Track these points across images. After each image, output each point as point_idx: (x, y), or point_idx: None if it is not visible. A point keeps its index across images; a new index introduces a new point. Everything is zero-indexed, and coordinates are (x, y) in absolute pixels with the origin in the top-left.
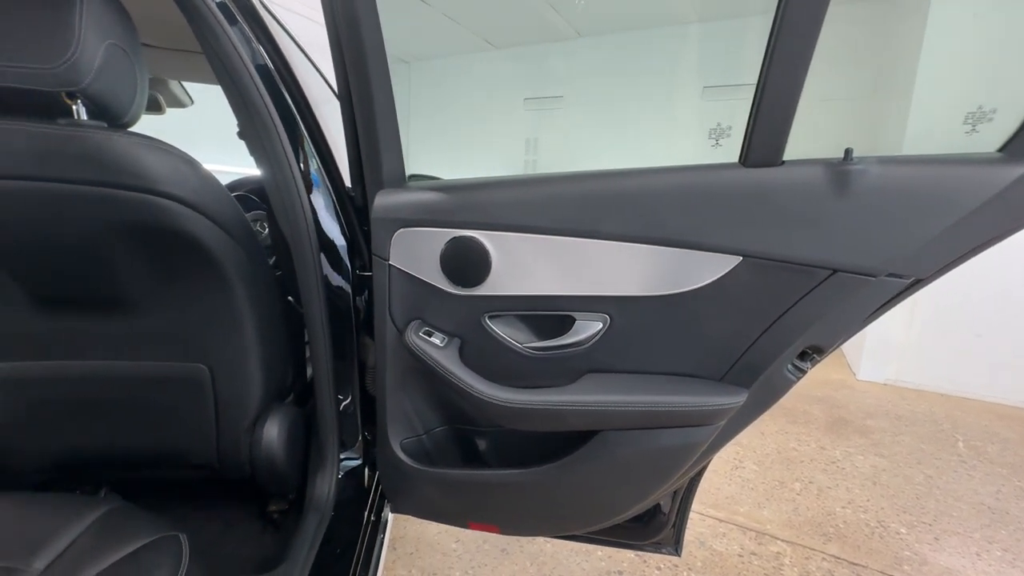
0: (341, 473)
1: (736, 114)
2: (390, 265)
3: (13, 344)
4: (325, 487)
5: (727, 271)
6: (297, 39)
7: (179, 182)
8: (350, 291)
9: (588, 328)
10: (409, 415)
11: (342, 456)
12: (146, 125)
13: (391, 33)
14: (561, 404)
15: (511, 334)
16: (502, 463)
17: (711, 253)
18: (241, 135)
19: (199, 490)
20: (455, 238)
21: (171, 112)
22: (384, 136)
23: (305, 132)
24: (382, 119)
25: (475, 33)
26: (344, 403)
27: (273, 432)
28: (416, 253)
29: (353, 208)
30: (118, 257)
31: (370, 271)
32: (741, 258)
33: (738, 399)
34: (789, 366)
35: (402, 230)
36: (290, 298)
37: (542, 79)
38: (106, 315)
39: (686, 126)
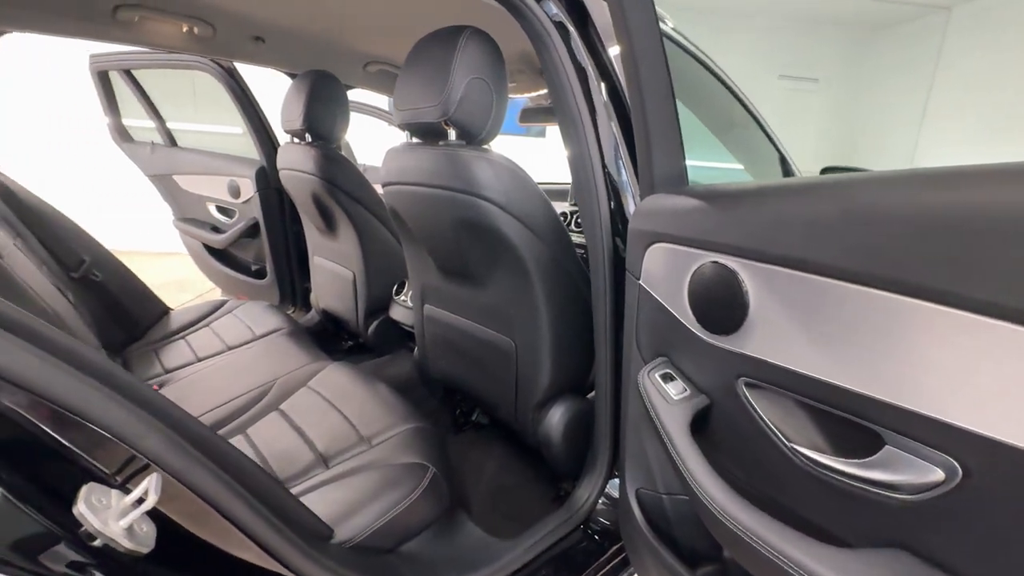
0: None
1: None
2: (640, 285)
3: (433, 293)
4: (586, 493)
5: None
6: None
7: (495, 187)
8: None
9: (911, 468)
10: (649, 463)
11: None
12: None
13: None
14: None
15: (777, 420)
16: None
17: None
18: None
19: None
20: (705, 264)
21: None
22: (657, 128)
23: (617, 132)
24: (654, 108)
25: None
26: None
27: (555, 418)
28: (667, 275)
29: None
30: (466, 244)
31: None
32: None
33: None
34: None
35: (656, 245)
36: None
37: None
38: (470, 286)
39: None
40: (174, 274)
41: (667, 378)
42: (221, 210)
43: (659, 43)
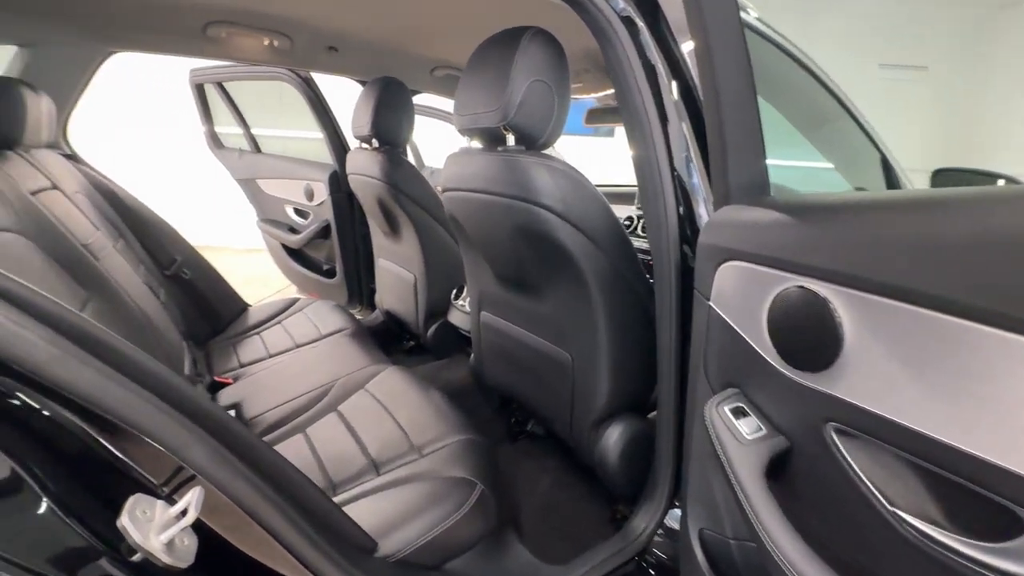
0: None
1: None
2: (710, 306)
3: (490, 301)
4: (643, 523)
5: None
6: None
7: (553, 194)
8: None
9: None
10: (715, 502)
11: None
12: None
13: None
14: None
15: (877, 477)
16: None
17: None
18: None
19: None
20: (790, 289)
21: None
22: (734, 131)
23: (688, 133)
24: (732, 108)
25: None
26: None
27: (612, 438)
28: (743, 298)
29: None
30: (523, 252)
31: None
32: None
33: None
34: None
35: (730, 263)
36: None
37: None
38: (527, 295)
39: None
40: (259, 269)
41: (739, 413)
42: (298, 212)
43: (740, 37)
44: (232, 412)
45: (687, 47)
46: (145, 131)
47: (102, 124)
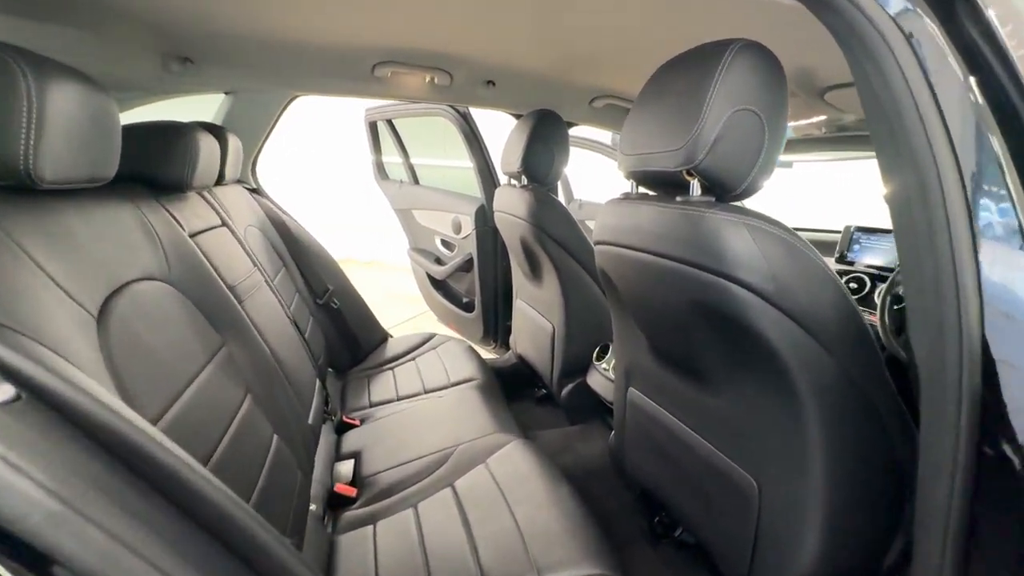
0: None
1: None
2: None
3: (642, 376)
4: None
5: None
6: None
7: (757, 266)
8: None
9: None
10: None
11: None
12: None
13: None
14: None
15: None
16: None
17: None
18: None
19: None
20: None
21: None
22: None
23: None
24: None
25: None
26: None
27: None
28: None
29: None
30: (699, 334)
31: None
32: None
33: None
34: None
35: None
36: None
37: None
38: (695, 384)
39: None
40: (404, 288)
41: None
42: (444, 243)
43: None
44: (351, 461)
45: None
46: (323, 160)
47: (288, 158)
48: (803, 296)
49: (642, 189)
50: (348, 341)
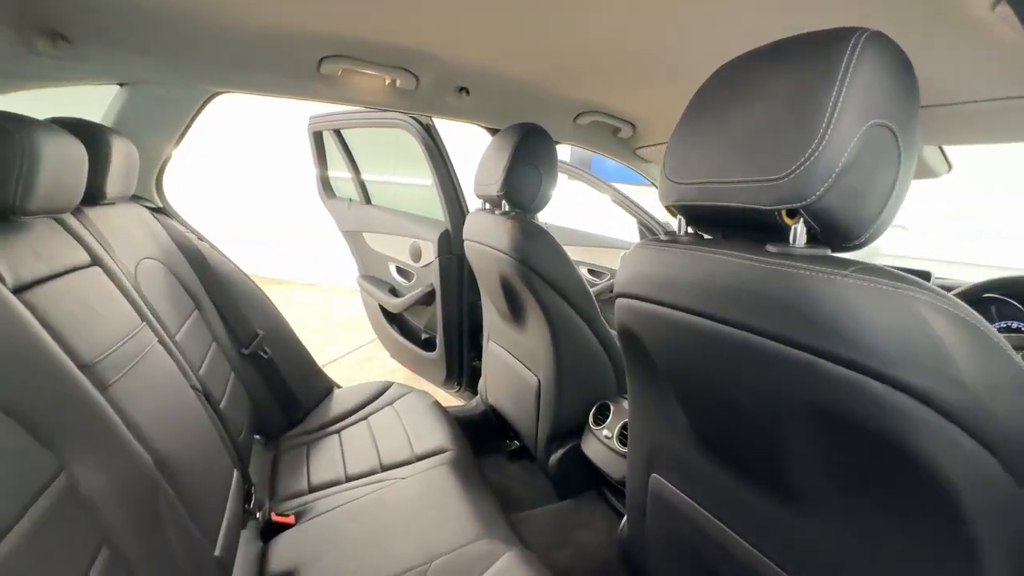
0: None
1: None
2: None
3: (683, 469)
4: None
5: None
6: None
7: (934, 367)
8: None
9: None
10: None
11: None
12: None
13: None
14: None
15: None
16: None
17: None
18: None
19: None
20: None
21: None
22: None
23: None
24: None
25: None
26: None
27: None
28: None
29: None
30: (797, 440)
31: None
32: None
33: None
34: None
35: None
36: None
37: None
38: (779, 501)
39: None
40: (360, 311)
41: None
42: (400, 271)
43: None
44: None
45: None
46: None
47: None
48: (1002, 412)
49: (692, 230)
50: (282, 399)
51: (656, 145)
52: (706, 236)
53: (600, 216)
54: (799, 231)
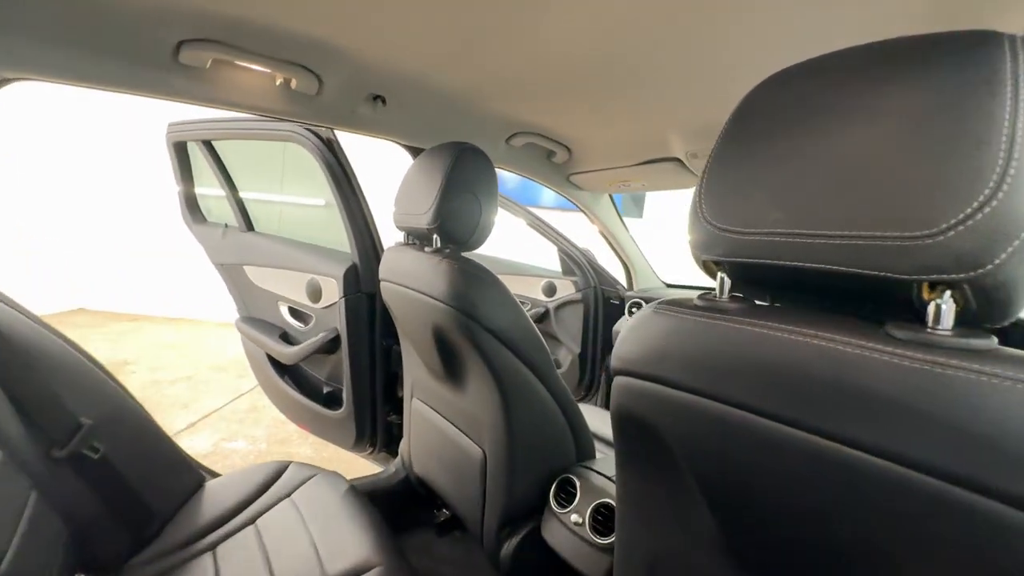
0: None
1: None
2: None
3: (679, 572)
4: None
5: None
6: None
7: None
8: None
9: None
10: None
11: None
12: None
13: None
14: None
15: None
16: None
17: None
18: None
19: None
20: None
21: None
22: None
23: None
24: None
25: None
26: None
27: None
28: None
29: None
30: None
31: None
32: None
33: None
34: None
35: None
36: None
37: None
38: None
39: None
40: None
41: None
42: (294, 313)
43: None
44: None
45: None
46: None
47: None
48: None
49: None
50: (123, 510)
51: (591, 172)
52: (757, 302)
53: (511, 242)
54: (944, 310)
